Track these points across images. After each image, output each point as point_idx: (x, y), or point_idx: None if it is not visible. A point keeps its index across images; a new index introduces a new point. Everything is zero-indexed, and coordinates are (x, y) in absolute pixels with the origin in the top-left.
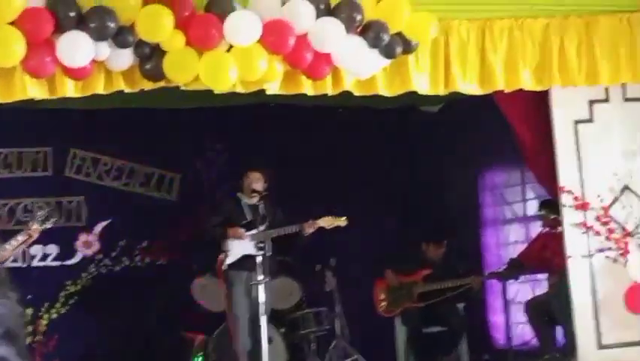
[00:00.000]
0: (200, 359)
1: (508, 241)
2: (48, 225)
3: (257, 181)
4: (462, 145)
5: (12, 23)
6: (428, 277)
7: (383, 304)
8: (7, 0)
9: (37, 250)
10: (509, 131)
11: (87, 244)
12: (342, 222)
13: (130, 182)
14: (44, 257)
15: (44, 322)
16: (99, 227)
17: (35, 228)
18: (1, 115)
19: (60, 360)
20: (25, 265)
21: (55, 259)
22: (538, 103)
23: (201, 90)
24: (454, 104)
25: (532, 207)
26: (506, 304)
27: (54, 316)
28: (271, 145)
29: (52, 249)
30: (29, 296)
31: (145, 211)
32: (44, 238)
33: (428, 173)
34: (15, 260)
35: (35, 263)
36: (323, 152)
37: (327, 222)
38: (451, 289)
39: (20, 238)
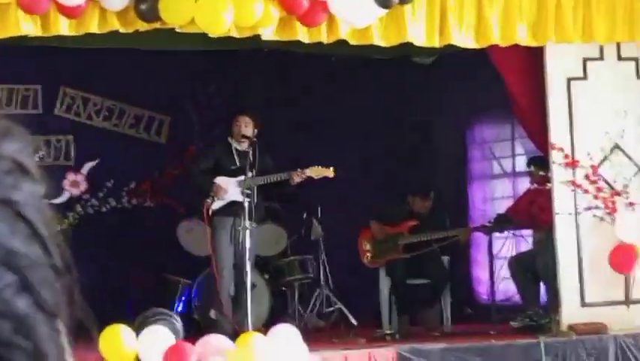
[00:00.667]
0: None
1: (494, 196)
2: (36, 157)
3: (246, 125)
4: (453, 98)
5: None
6: (414, 229)
7: (368, 254)
8: None
9: None
10: (501, 87)
11: (74, 184)
12: (329, 172)
13: (119, 123)
14: None
15: None
16: (87, 167)
17: None
18: None
19: None
20: None
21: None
22: (532, 58)
23: (196, 33)
24: (448, 57)
25: (521, 163)
26: (491, 259)
27: None
28: (263, 91)
29: None
30: None
31: (133, 153)
32: None
33: (418, 125)
34: None
35: None
36: (314, 100)
37: (315, 172)
38: (437, 241)
39: None
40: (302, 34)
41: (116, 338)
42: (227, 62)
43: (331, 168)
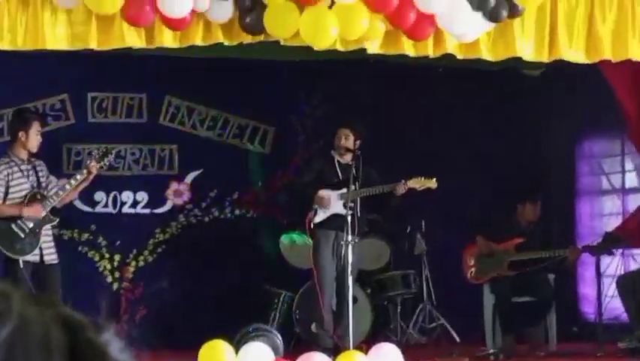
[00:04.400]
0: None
1: (603, 212)
2: (106, 162)
3: (347, 138)
4: (561, 111)
5: None
6: (521, 246)
7: (472, 270)
8: None
9: (127, 196)
10: (611, 100)
11: (178, 193)
12: (432, 183)
13: (223, 133)
14: (134, 204)
15: (131, 269)
16: (190, 176)
17: (93, 165)
18: (97, 60)
19: (145, 307)
20: (115, 212)
21: (145, 207)
22: None
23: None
24: (556, 69)
25: (631, 179)
26: (599, 277)
27: (141, 263)
28: (368, 102)
29: (143, 196)
30: (118, 242)
31: (237, 163)
32: (135, 185)
33: (525, 138)
34: (106, 206)
35: (125, 210)
36: (419, 110)
37: (417, 183)
38: (544, 260)
39: (79, 177)
40: (408, 48)
41: (216, 354)
42: (333, 72)
43: (434, 179)
